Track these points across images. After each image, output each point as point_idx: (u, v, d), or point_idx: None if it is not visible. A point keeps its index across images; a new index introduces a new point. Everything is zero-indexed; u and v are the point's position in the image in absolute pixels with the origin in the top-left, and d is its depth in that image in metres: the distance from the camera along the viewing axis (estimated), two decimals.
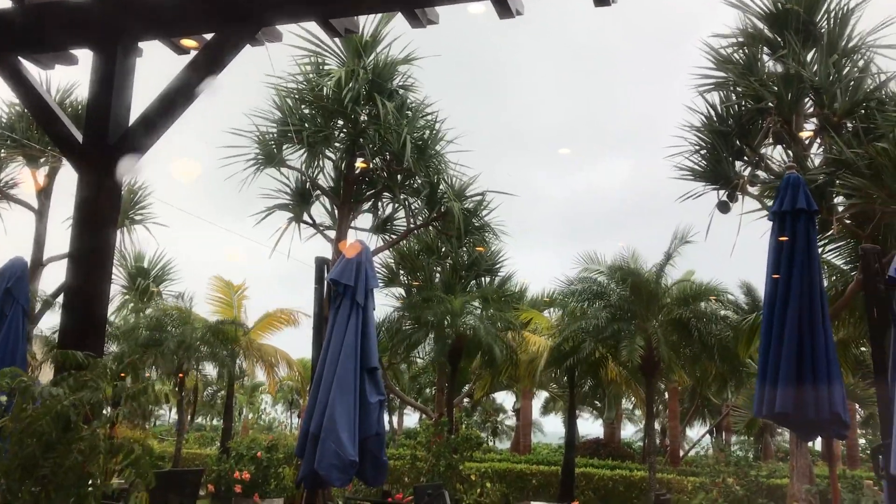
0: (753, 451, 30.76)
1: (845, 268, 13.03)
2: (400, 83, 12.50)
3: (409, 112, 12.31)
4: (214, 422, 42.06)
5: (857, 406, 25.28)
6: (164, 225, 15.57)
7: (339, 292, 7.47)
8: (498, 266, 17.02)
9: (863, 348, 14.51)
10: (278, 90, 12.02)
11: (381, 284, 16.17)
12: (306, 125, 11.95)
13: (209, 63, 5.18)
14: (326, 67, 12.32)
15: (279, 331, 19.64)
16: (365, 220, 13.39)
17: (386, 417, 39.69)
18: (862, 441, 30.71)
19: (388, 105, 11.65)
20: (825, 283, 13.36)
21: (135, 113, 5.27)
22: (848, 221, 11.39)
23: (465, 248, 15.53)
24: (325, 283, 8.05)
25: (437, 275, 16.26)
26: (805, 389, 5.36)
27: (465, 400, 29.76)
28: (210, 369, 21.03)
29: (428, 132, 12.46)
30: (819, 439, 10.80)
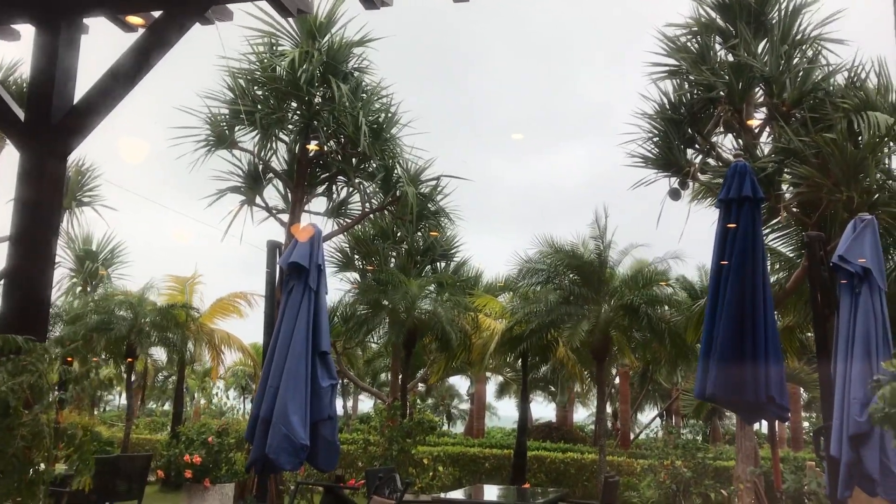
0: (702, 433, 31.47)
1: (792, 255, 13.32)
2: (355, 65, 12.39)
3: (364, 95, 12.22)
4: (166, 407, 41.58)
5: (801, 390, 25.96)
6: (112, 208, 15.27)
7: (292, 276, 7.43)
8: (453, 251, 17.07)
9: (808, 333, 14.85)
10: (230, 70, 11.83)
11: (335, 269, 16.11)
12: (259, 107, 11.79)
13: (157, 41, 5.07)
14: (280, 48, 12.16)
15: (233, 315, 19.44)
16: (319, 203, 13.31)
17: (340, 402, 39.73)
18: (806, 424, 31.54)
19: (342, 87, 11.55)
20: (772, 270, 13.77)
21: (80, 91, 5.14)
22: (795, 209, 11.64)
23: (420, 233, 15.53)
24: (278, 266, 8.00)
25: (393, 259, 16.24)
26: (745, 373, 5.49)
27: (420, 385, 29.86)
28: (161, 354, 20.78)
29: (383, 115, 12.39)
30: (765, 422, 11.08)
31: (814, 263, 7.13)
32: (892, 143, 10.06)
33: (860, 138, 10.11)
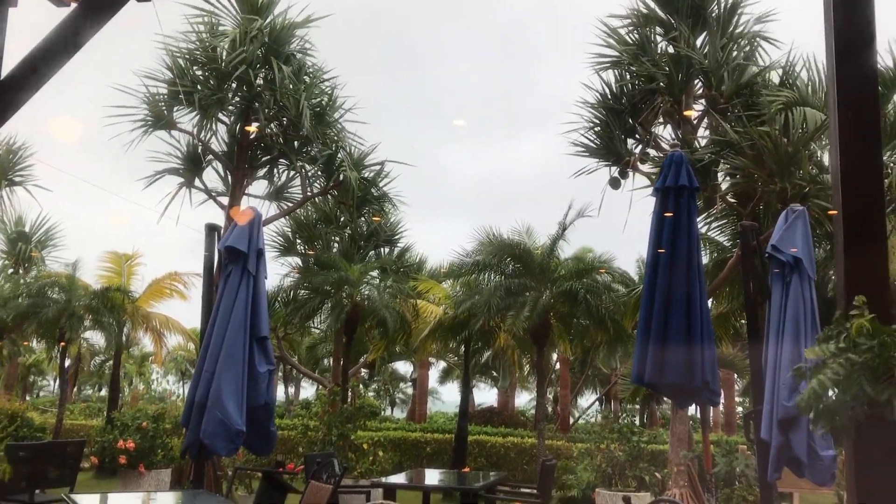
0: (639, 418, 32.11)
1: (727, 243, 13.65)
2: (298, 47, 12.22)
3: (307, 77, 12.07)
4: (103, 392, 40.71)
5: (734, 375, 26.66)
6: (46, 189, 14.80)
7: (230, 260, 7.33)
8: (397, 236, 17.03)
9: (742, 320, 15.19)
10: (168, 49, 11.55)
11: (276, 253, 15.94)
12: (199, 87, 11.55)
13: (90, 17, 4.90)
14: (221, 28, 11.92)
15: (171, 299, 19.08)
16: (260, 186, 13.13)
17: (282, 388, 39.41)
18: (739, 409, 32.38)
19: (284, 69, 11.39)
20: (708, 258, 14.09)
21: (7, 67, 4.95)
22: (731, 199, 11.92)
23: (363, 218, 15.45)
24: (216, 250, 7.88)
25: (335, 244, 16.13)
26: (679, 358, 5.61)
27: (363, 370, 29.79)
28: (98, 338, 20.32)
29: (326, 98, 12.26)
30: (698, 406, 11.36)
31: (747, 252, 7.32)
32: (823, 138, 10.34)
33: (793, 132, 10.39)
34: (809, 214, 7.71)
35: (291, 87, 11.52)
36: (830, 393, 3.03)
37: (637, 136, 12.30)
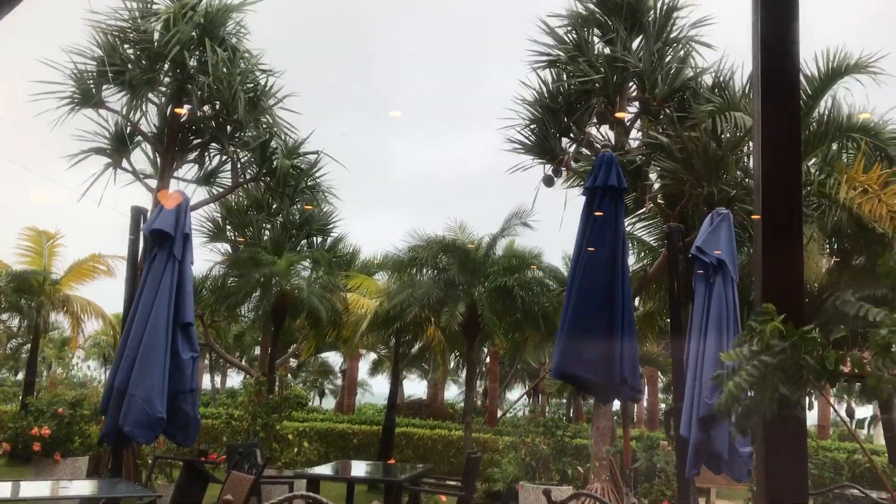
0: (566, 412, 32.62)
1: (656, 244, 13.94)
2: (234, 31, 11.98)
3: (242, 62, 11.85)
4: (20, 377, 39.34)
5: (658, 373, 27.31)
6: None
7: (155, 244, 7.17)
8: (331, 226, 16.88)
9: (668, 319, 15.52)
10: (98, 26, 11.18)
11: (205, 239, 15.64)
12: (129, 66, 11.22)
13: None
14: (155, 6, 11.60)
15: (94, 281, 18.51)
16: (190, 171, 12.84)
17: (208, 376, 38.74)
18: (662, 405, 33.21)
19: (219, 52, 11.15)
20: (636, 258, 14.38)
21: None
22: (660, 201, 12.16)
23: (296, 207, 15.27)
24: (141, 233, 7.70)
25: (267, 232, 15.91)
26: (600, 355, 5.71)
27: (292, 360, 29.48)
28: (15, 321, 19.62)
29: (262, 84, 12.06)
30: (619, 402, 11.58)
31: (673, 253, 7.50)
32: (751, 143, 10.64)
33: (722, 137, 10.66)
34: (735, 218, 7.94)
35: (226, 70, 11.29)
36: (748, 394, 3.12)
37: (572, 135, 12.45)
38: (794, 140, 3.54)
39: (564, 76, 12.26)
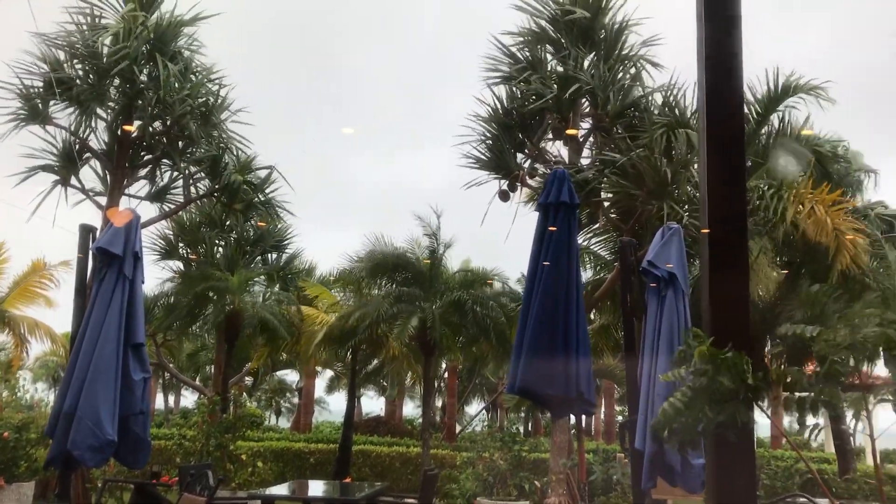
0: (523, 426, 32.70)
1: (610, 258, 14.10)
2: (186, 45, 11.86)
3: (193, 76, 11.73)
4: None
5: (615, 386, 27.53)
6: None
7: (105, 263, 7.05)
8: (286, 242, 16.74)
9: (623, 332, 15.67)
10: (45, 40, 10.98)
11: (157, 257, 15.39)
12: (77, 81, 11.04)
13: None
14: (104, 21, 11.44)
15: (41, 307, 18.07)
16: (142, 187, 12.64)
17: (160, 397, 38.02)
18: (619, 418, 33.44)
19: (170, 66, 11.02)
20: (591, 272, 14.53)
21: None
22: (613, 216, 12.31)
23: (250, 223, 15.13)
24: (91, 252, 7.55)
25: (220, 249, 15.72)
26: (555, 369, 5.74)
27: (248, 378, 29.09)
28: None
29: (213, 99, 11.94)
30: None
31: (625, 267, 7.58)
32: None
33: (673, 153, 10.84)
34: (686, 232, 8.07)
35: (177, 85, 11.17)
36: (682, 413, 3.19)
37: (527, 151, 12.56)
38: (737, 157, 3.62)
39: (518, 93, 12.38)
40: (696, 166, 10.94)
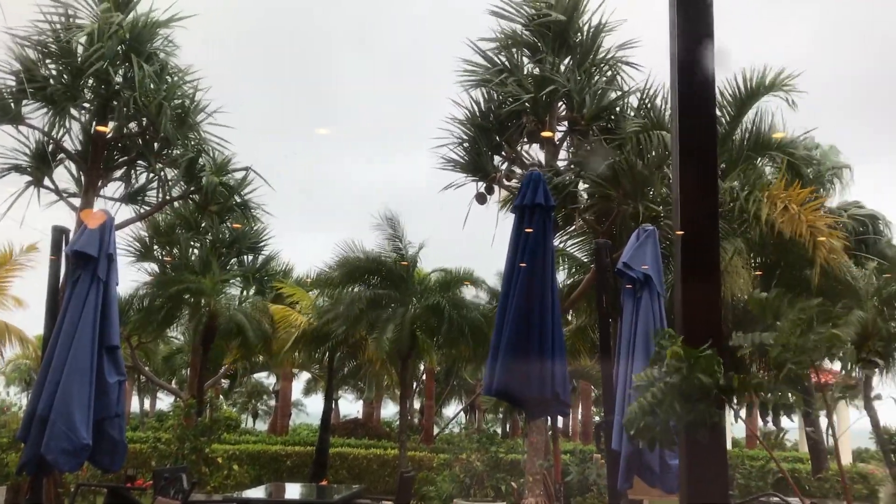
0: (501, 428, 32.76)
1: (586, 259, 14.18)
2: (161, 46, 11.77)
3: (169, 77, 11.65)
4: None
5: (592, 387, 27.65)
6: None
7: (79, 265, 6.98)
8: (262, 244, 16.67)
9: (599, 333, 15.74)
10: (17, 39, 10.86)
11: (132, 259, 15.27)
12: (51, 81, 10.92)
13: None
14: (79, 21, 11.33)
15: (10, 304, 17.79)
16: (117, 189, 12.53)
17: (136, 399, 37.65)
18: (596, 418, 33.58)
19: (146, 67, 10.94)
20: (567, 274, 14.59)
21: None
22: (590, 217, 12.39)
23: (226, 225, 15.04)
24: (64, 254, 7.48)
25: (196, 251, 15.62)
26: (530, 370, 5.77)
27: (224, 381, 28.88)
28: None
29: (189, 100, 11.86)
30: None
31: (601, 269, 7.64)
32: None
33: (648, 155, 10.93)
34: (661, 234, 8.14)
35: (153, 86, 11.09)
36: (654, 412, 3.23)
37: (503, 153, 12.60)
38: (710, 159, 3.67)
39: (496, 96, 12.42)
40: (670, 167, 11.04)
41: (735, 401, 3.19)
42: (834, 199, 15.33)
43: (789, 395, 3.25)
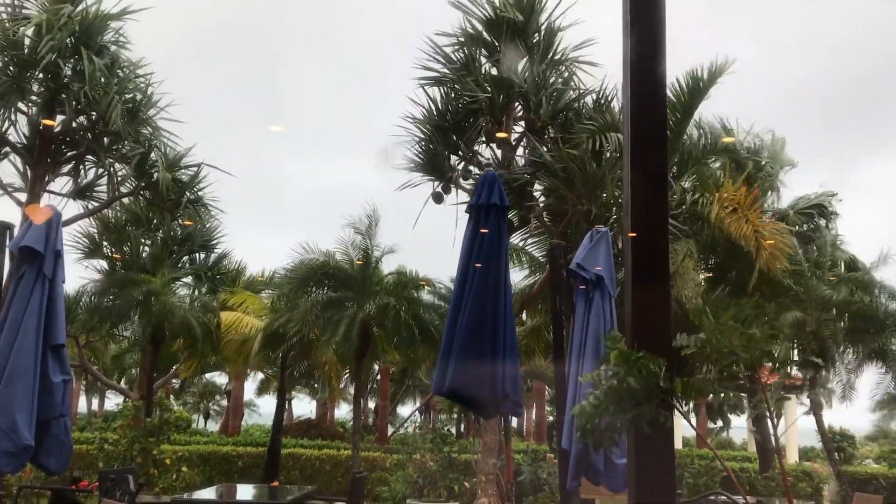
0: (456, 427, 32.81)
1: (542, 260, 14.27)
2: (113, 39, 11.53)
3: (120, 71, 11.42)
4: None
5: (546, 386, 27.86)
6: None
7: (23, 262, 6.81)
8: (214, 243, 16.43)
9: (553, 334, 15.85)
10: None
11: (80, 255, 14.94)
12: None
13: None
14: (26, 12, 11.06)
15: None
16: (66, 184, 12.25)
17: (84, 399, 36.90)
18: (550, 418, 33.83)
19: (96, 61, 10.71)
20: (524, 274, 14.67)
21: None
22: (546, 218, 12.46)
23: (178, 222, 14.80)
24: (7, 251, 7.31)
25: (146, 248, 15.34)
26: (481, 370, 5.77)
27: (175, 381, 28.46)
28: None
29: (141, 95, 11.65)
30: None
31: (555, 270, 7.70)
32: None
33: (603, 156, 11.03)
34: (614, 235, 8.22)
35: (103, 80, 10.86)
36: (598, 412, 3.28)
37: (460, 153, 12.60)
38: (660, 163, 3.71)
39: (453, 94, 12.42)
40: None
41: (682, 402, 3.24)
42: (783, 197, 15.62)
43: (731, 394, 3.35)
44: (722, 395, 3.38)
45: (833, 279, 15.22)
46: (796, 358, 14.66)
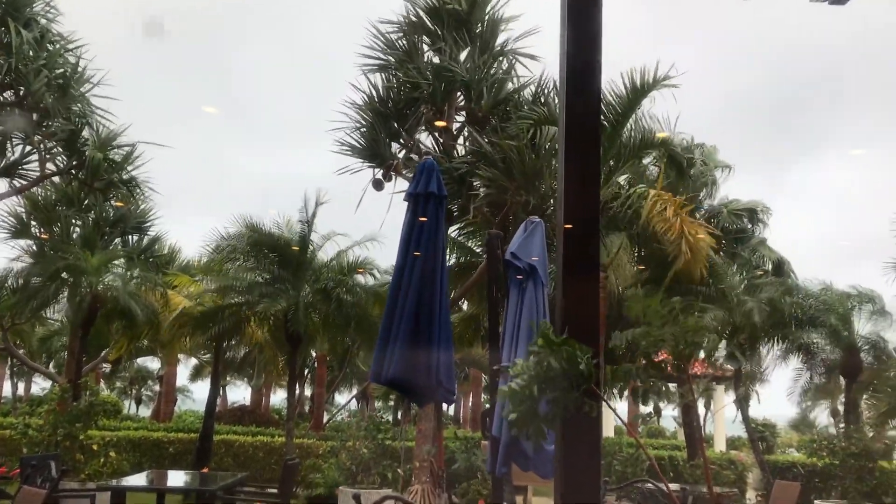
0: (392, 415, 32.86)
1: (479, 251, 14.36)
2: (43, 12, 11.13)
3: (50, 45, 11.03)
4: None
5: (483, 374, 28.08)
6: None
7: None
8: (148, 225, 16.05)
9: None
10: None
11: (6, 235, 14.45)
12: None
13: None
14: None
15: None
16: None
17: (8, 384, 35.81)
18: (487, 405, 34.11)
19: (24, 33, 10.33)
20: (462, 263, 14.73)
21: None
22: (486, 209, 12.52)
23: (110, 203, 14.40)
24: None
25: (77, 229, 14.91)
26: (417, 358, 5.79)
27: (105, 366, 27.79)
28: None
29: (70, 70, 11.27)
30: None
31: (492, 259, 7.73)
32: None
33: (539, 148, 11.13)
34: (549, 226, 8.30)
35: (32, 53, 10.48)
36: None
37: (402, 141, 12.57)
38: (593, 157, 3.76)
39: (395, 82, 12.37)
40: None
41: (603, 388, 3.32)
42: (715, 197, 16.04)
43: (657, 382, 3.45)
44: (648, 382, 3.50)
45: (761, 273, 15.72)
46: (723, 351, 15.15)
